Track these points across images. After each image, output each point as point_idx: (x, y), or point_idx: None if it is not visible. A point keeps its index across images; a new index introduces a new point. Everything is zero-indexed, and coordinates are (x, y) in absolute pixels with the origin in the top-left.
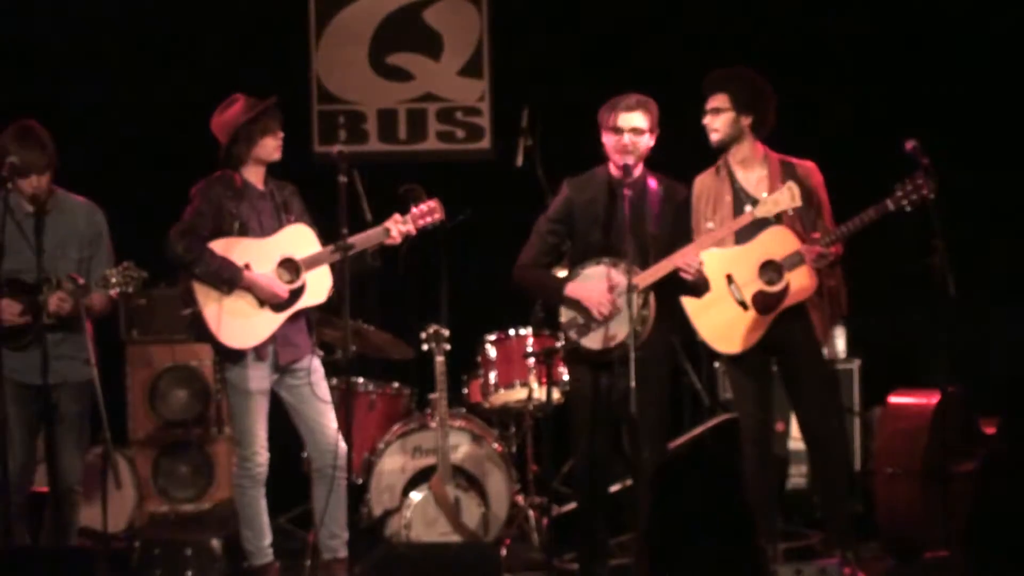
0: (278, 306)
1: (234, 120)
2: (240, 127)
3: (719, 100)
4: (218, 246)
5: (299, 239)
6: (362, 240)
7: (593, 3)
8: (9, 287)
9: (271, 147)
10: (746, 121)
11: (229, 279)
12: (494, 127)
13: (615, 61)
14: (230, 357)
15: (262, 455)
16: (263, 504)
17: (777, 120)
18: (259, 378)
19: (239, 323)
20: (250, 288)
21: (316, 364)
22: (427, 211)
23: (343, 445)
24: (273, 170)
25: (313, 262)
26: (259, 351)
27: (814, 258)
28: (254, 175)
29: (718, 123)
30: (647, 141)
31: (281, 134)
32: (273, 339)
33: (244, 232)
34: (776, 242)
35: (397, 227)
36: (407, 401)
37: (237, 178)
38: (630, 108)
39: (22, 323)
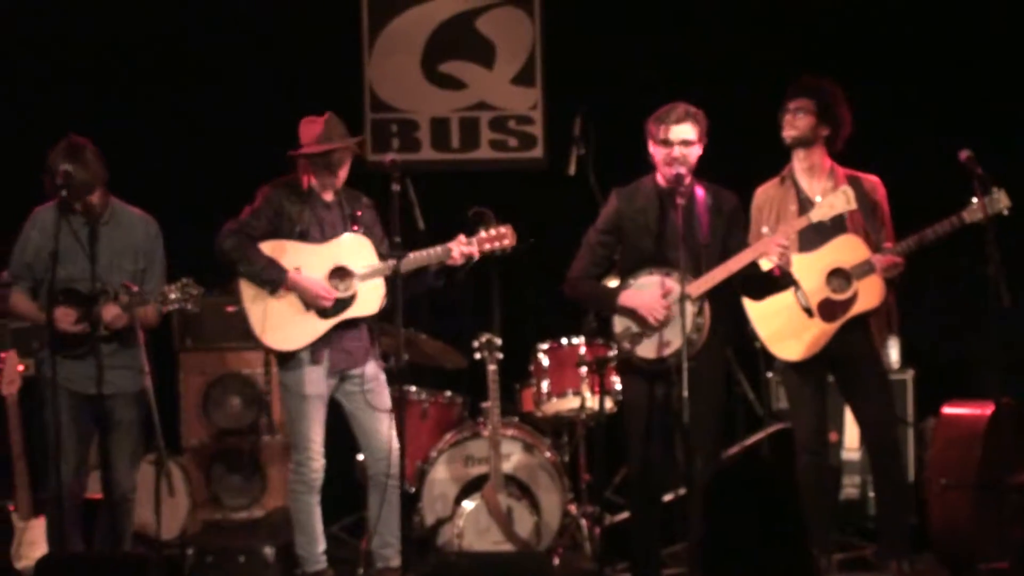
0: (324, 312)
1: (307, 143)
2: (312, 156)
3: (804, 103)
4: (269, 247)
5: (355, 249)
6: (423, 258)
7: (646, 10)
8: (64, 297)
9: (327, 181)
10: (823, 131)
11: (272, 279)
12: (547, 136)
13: (668, 69)
14: (286, 361)
15: (317, 461)
16: (318, 511)
17: (845, 147)
18: (315, 382)
19: (283, 325)
20: (295, 289)
21: (375, 372)
22: (496, 236)
23: (397, 453)
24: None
25: (367, 274)
26: (315, 355)
27: (886, 267)
28: (321, 188)
29: (799, 122)
30: (696, 151)
31: (344, 170)
32: (328, 344)
33: (304, 238)
34: (846, 250)
35: (460, 248)
36: (460, 410)
37: (304, 182)
38: (679, 120)
39: (77, 332)
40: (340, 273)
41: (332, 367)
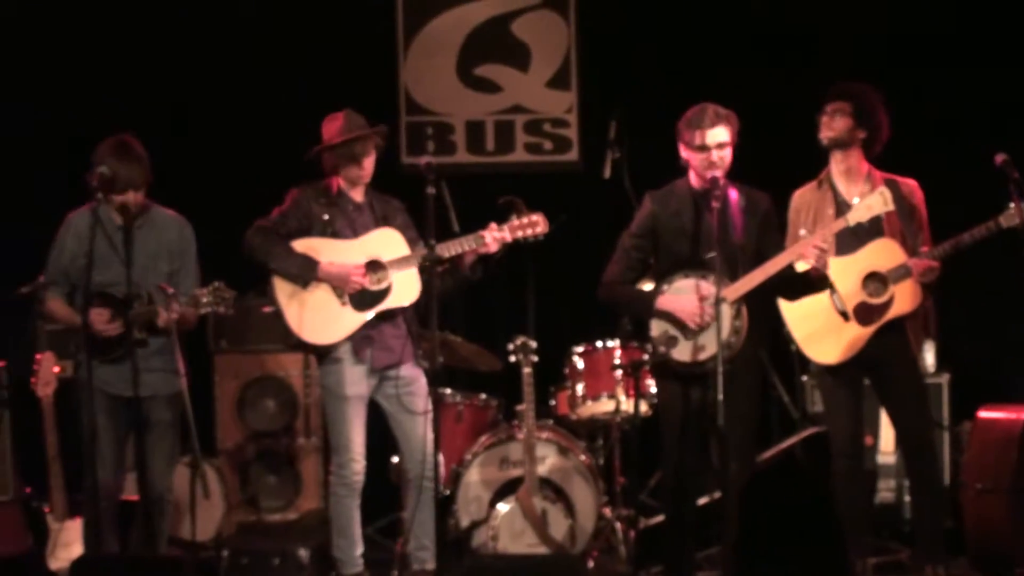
0: (360, 305)
1: (328, 138)
2: (335, 146)
3: (842, 105)
4: (300, 245)
5: (386, 242)
6: (454, 246)
7: (680, 14)
8: (99, 301)
9: (354, 174)
10: (860, 134)
11: (301, 272)
12: (582, 139)
13: (702, 71)
14: (326, 361)
15: (359, 463)
16: (357, 514)
17: (882, 152)
18: (356, 383)
19: (320, 319)
20: (326, 279)
21: (415, 374)
22: (528, 223)
23: (439, 457)
24: (373, 183)
25: (399, 264)
26: (357, 353)
27: (923, 271)
28: (350, 187)
29: (836, 124)
30: (730, 152)
31: (369, 161)
32: (370, 341)
33: (335, 238)
34: (882, 254)
35: (492, 235)
36: (494, 413)
37: (333, 186)
38: (713, 124)
39: (112, 334)
40: (373, 266)
41: (374, 365)
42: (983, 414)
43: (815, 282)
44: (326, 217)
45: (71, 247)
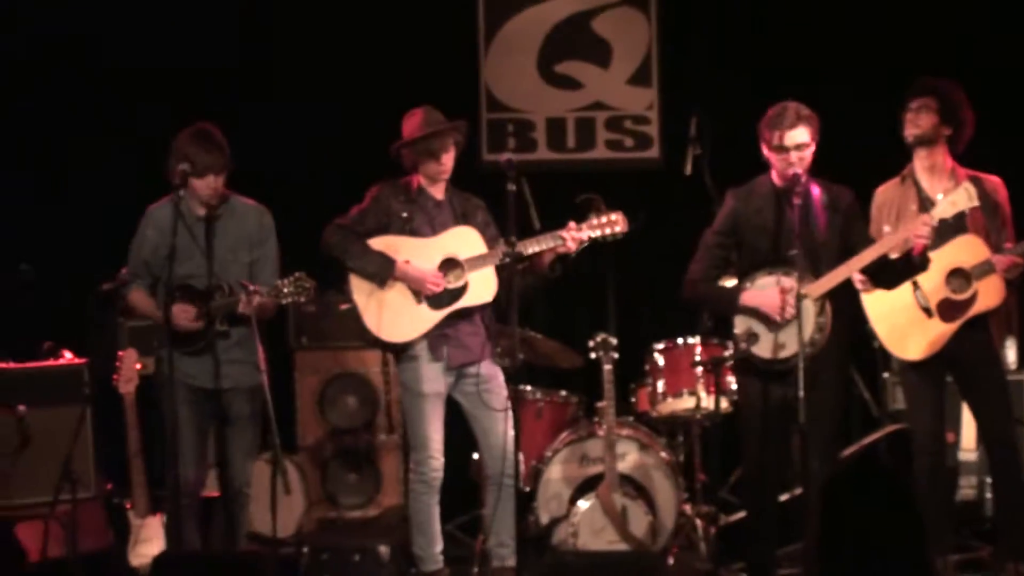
0: (437, 303)
1: (407, 134)
2: (414, 141)
3: (928, 102)
4: (378, 243)
5: (464, 240)
6: (532, 244)
7: (761, 10)
8: (181, 293)
9: (433, 170)
10: (946, 131)
11: (378, 271)
12: (663, 136)
13: (783, 68)
14: (404, 358)
15: (437, 460)
16: (436, 510)
17: (966, 149)
18: (433, 380)
19: (396, 317)
20: (403, 279)
21: (493, 371)
22: (608, 223)
23: (518, 455)
24: (453, 181)
25: (476, 263)
26: (433, 351)
27: (1007, 267)
28: (430, 184)
29: (922, 121)
30: (811, 151)
31: (448, 157)
32: (446, 339)
33: (414, 236)
34: (966, 250)
35: (571, 234)
36: (574, 409)
37: (413, 184)
38: (793, 125)
39: (196, 328)
40: (450, 264)
41: (450, 363)
42: None
43: (915, 264)
44: (405, 215)
45: (152, 239)
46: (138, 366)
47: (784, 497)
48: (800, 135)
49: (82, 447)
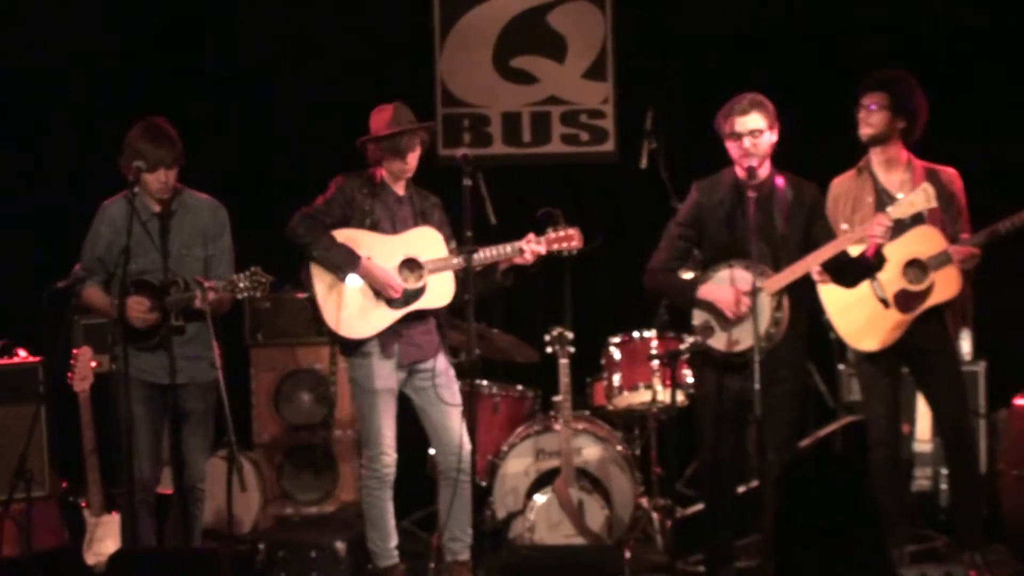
0: (394, 303)
1: (375, 129)
2: (381, 138)
3: (879, 98)
4: (342, 235)
5: (426, 241)
6: (492, 255)
7: (716, 4)
8: (136, 288)
9: (397, 168)
10: (900, 124)
11: (343, 264)
12: (618, 130)
13: (738, 61)
14: (355, 355)
15: (389, 456)
16: (390, 506)
17: (922, 137)
18: (384, 377)
19: (354, 313)
20: (366, 277)
21: (444, 366)
22: (564, 237)
23: (468, 448)
24: (414, 177)
25: (437, 267)
26: (384, 348)
27: (964, 258)
28: (393, 179)
29: (874, 119)
30: (768, 139)
31: (413, 156)
32: (398, 337)
33: (375, 230)
34: (923, 241)
35: (531, 247)
36: (531, 404)
37: (376, 177)
38: (745, 111)
39: (151, 321)
40: (410, 264)
41: (401, 360)
42: (1020, 401)
43: (872, 263)
44: (367, 207)
45: (106, 236)
46: (93, 364)
47: (741, 489)
48: (753, 121)
49: (36, 445)
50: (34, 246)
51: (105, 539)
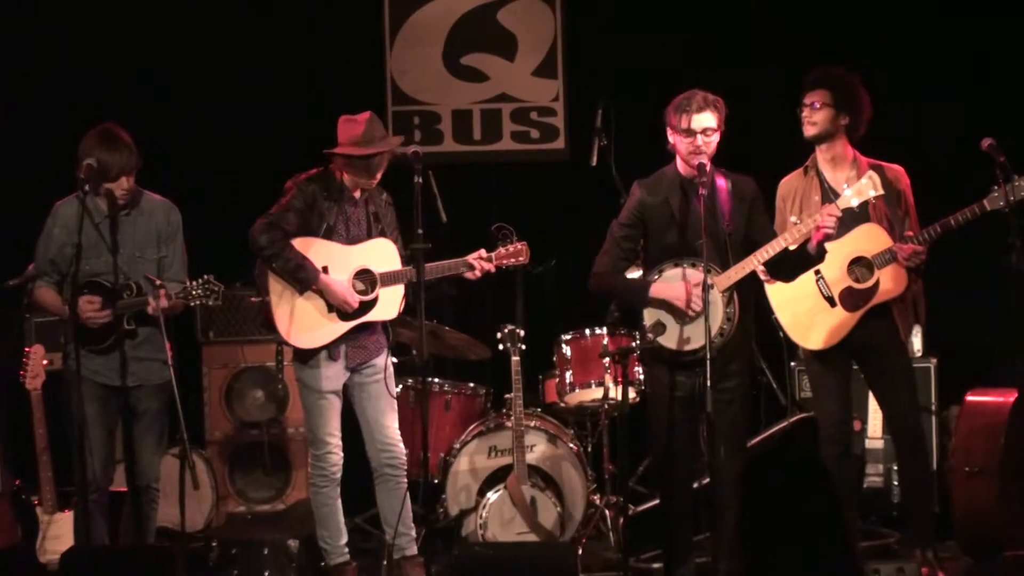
0: (345, 315)
1: (346, 142)
2: (350, 156)
3: (820, 95)
4: (299, 244)
5: (381, 253)
6: (442, 268)
7: (666, 2)
8: (88, 290)
9: (363, 182)
10: (843, 121)
11: (304, 278)
12: (568, 127)
13: (688, 59)
14: (302, 357)
15: (336, 455)
16: (338, 504)
17: (868, 131)
18: (331, 378)
19: (307, 325)
20: (323, 292)
21: (386, 362)
22: (512, 253)
23: (401, 446)
24: None
25: (390, 279)
26: (331, 351)
27: (908, 256)
28: (353, 184)
29: (817, 117)
30: (716, 138)
31: (380, 172)
32: (344, 341)
33: (329, 235)
34: (867, 239)
35: (480, 263)
36: (483, 401)
37: (337, 178)
38: (700, 109)
39: (102, 322)
40: (364, 275)
41: (348, 363)
42: (971, 398)
43: (813, 257)
44: (326, 211)
45: (59, 236)
46: (45, 362)
47: (694, 486)
48: (707, 119)
49: None
50: None
51: (59, 537)
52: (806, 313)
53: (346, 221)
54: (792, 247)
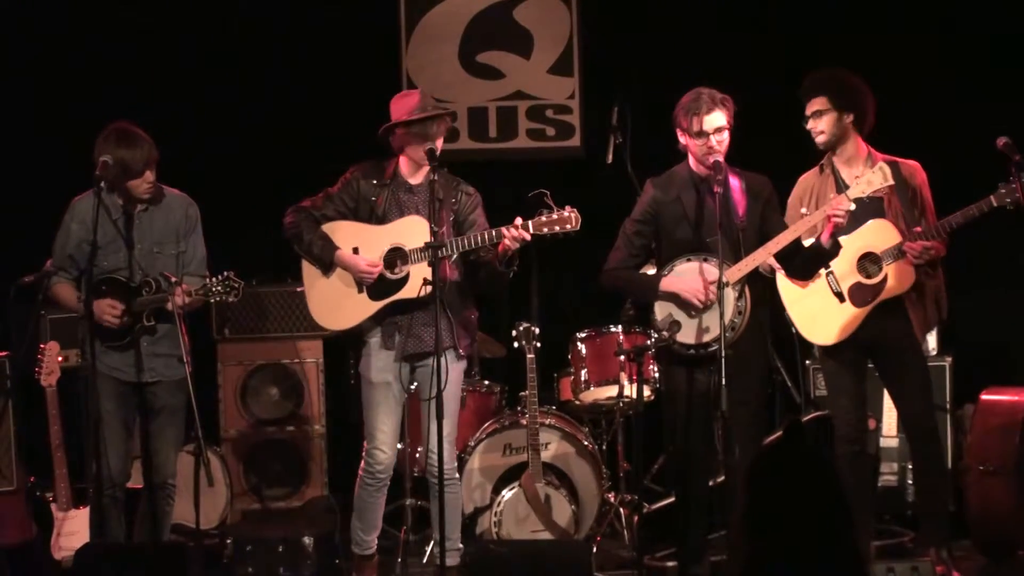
0: (376, 294)
1: (401, 115)
2: (410, 123)
3: (819, 103)
4: (328, 227)
5: (413, 230)
6: (468, 243)
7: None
8: (106, 287)
9: (418, 155)
10: (848, 119)
11: (320, 256)
12: (584, 125)
13: (703, 57)
14: (358, 347)
15: (382, 452)
16: (380, 502)
17: (876, 117)
18: (382, 369)
19: (335, 304)
20: (343, 267)
21: (451, 367)
22: (557, 220)
23: (442, 454)
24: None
25: (419, 255)
26: (385, 340)
27: (916, 252)
28: (408, 168)
29: (822, 125)
30: (728, 135)
31: (439, 142)
32: (397, 328)
33: (383, 222)
34: (877, 235)
35: (512, 232)
36: (498, 399)
37: (390, 166)
38: (710, 109)
39: (122, 324)
40: (396, 254)
41: (402, 353)
42: (986, 396)
43: (828, 251)
44: (374, 198)
45: (76, 232)
46: (60, 359)
47: (709, 484)
48: (718, 119)
49: (4, 440)
50: (1, 241)
51: (73, 534)
52: (815, 308)
53: (399, 207)
54: (805, 240)
